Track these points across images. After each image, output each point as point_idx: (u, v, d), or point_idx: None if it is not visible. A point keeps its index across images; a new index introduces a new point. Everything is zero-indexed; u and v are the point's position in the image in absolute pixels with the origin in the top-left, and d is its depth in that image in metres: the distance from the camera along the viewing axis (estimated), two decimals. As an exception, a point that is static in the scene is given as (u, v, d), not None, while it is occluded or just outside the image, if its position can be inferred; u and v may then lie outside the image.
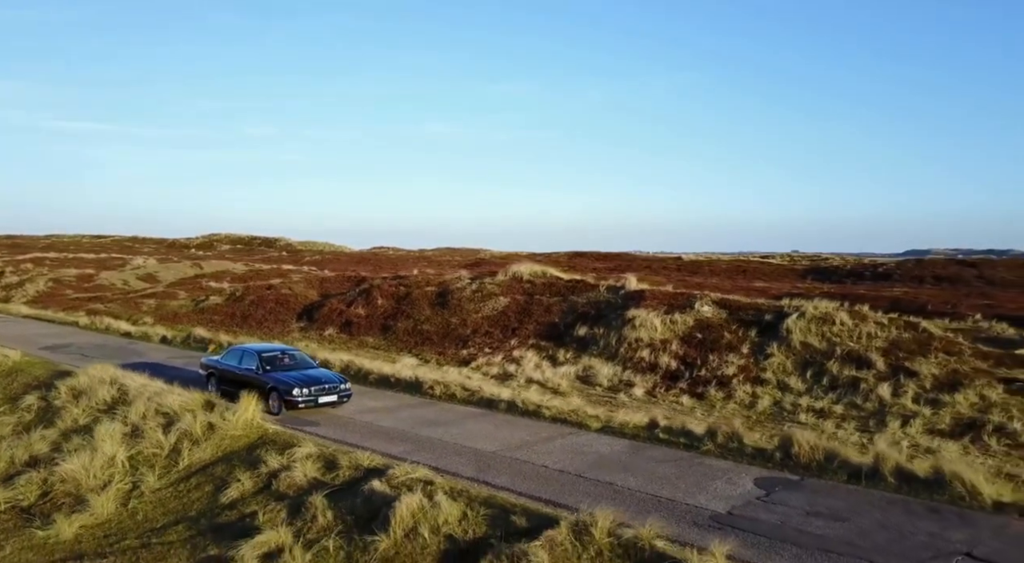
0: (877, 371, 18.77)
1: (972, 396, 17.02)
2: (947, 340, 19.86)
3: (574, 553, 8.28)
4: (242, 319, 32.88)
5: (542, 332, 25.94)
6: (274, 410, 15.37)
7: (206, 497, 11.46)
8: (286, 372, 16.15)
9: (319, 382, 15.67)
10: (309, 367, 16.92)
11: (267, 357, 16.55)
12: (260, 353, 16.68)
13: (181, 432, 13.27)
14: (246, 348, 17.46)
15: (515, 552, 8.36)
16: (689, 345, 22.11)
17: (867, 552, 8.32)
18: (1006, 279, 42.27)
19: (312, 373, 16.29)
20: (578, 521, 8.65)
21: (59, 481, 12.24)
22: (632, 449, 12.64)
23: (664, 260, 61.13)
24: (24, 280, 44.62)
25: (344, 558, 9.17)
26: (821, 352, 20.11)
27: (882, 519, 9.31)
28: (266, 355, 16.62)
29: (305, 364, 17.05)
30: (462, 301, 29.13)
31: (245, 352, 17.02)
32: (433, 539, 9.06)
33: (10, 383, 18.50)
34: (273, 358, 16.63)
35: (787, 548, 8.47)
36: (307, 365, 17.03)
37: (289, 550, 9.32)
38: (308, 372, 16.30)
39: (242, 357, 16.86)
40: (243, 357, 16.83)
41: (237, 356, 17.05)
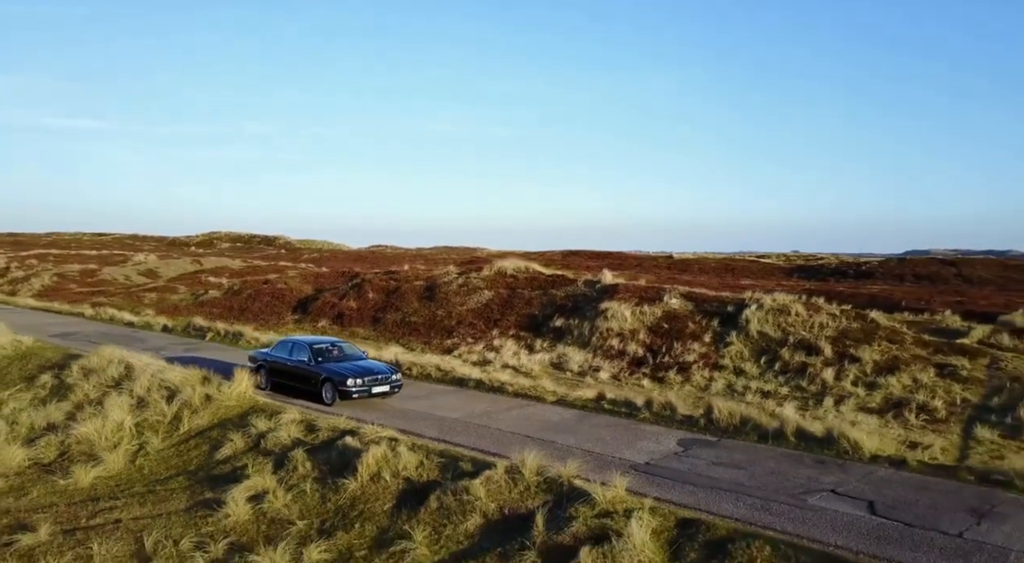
0: (825, 357, 20.58)
1: (906, 379, 18.83)
2: (891, 330, 21.67)
3: (506, 488, 10.15)
4: (239, 311, 34.79)
5: (522, 323, 27.79)
6: (327, 400, 15.63)
7: (203, 455, 13.36)
8: (338, 363, 16.35)
9: (372, 372, 15.92)
10: (359, 358, 17.09)
11: (319, 349, 16.72)
12: (311, 345, 16.87)
13: (182, 402, 15.18)
14: (296, 340, 17.60)
15: (458, 488, 10.24)
16: (656, 334, 23.95)
17: (750, 489, 10.17)
18: (983, 277, 44.04)
19: (364, 364, 16.54)
20: (512, 464, 10.52)
21: (75, 442, 14.14)
22: (579, 417, 14.51)
23: (656, 258, 62.97)
24: (29, 275, 46.65)
25: (319, 498, 11.05)
26: (776, 340, 21.93)
27: (774, 467, 11.17)
28: (317, 347, 16.81)
29: (355, 355, 17.21)
30: (448, 295, 31.00)
31: (295, 344, 17.18)
32: (393, 481, 10.95)
33: (25, 365, 20.42)
34: (324, 349, 16.82)
35: (684, 486, 10.32)
36: (357, 356, 17.22)
37: (273, 492, 11.21)
38: (360, 363, 16.53)
39: (292, 349, 17.01)
40: (293, 349, 16.99)
41: (287, 348, 17.20)
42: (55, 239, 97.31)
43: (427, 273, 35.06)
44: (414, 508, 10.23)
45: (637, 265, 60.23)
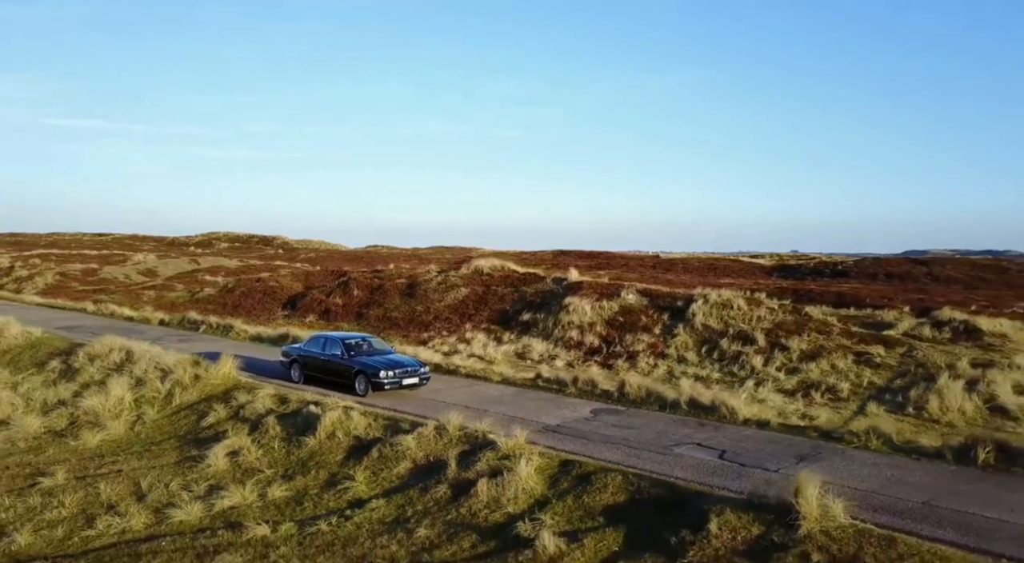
0: (758, 346, 23.09)
1: (825, 365, 21.33)
2: (822, 322, 24.18)
3: (433, 440, 12.76)
4: (233, 308, 37.49)
5: (494, 317, 30.39)
6: (360, 392, 16.71)
7: (191, 423, 16.02)
8: (370, 356, 17.45)
9: (402, 365, 17.02)
10: (389, 352, 18.31)
11: (351, 343, 17.80)
12: (343, 340, 17.91)
13: (174, 381, 17.84)
14: (329, 336, 18.61)
15: (395, 441, 12.87)
16: (611, 326, 26.51)
17: (632, 442, 12.75)
18: (951, 276, 46.35)
19: (394, 358, 17.68)
20: (440, 424, 13.15)
21: (82, 414, 16.80)
22: (516, 393, 17.13)
23: (643, 258, 65.41)
24: (33, 274, 49.48)
25: (284, 452, 13.69)
26: (717, 332, 24.46)
27: (661, 428, 13.75)
28: (349, 341, 17.89)
29: (384, 350, 18.44)
30: (428, 292, 33.64)
31: (328, 340, 18.24)
32: (345, 438, 13.58)
33: (35, 352, 23.10)
34: (356, 344, 17.92)
35: (580, 441, 12.92)
36: (386, 351, 18.42)
37: (247, 448, 13.85)
38: (390, 357, 17.68)
39: (325, 344, 18.09)
40: (326, 344, 18.07)
41: (319, 344, 18.32)
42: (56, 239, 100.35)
43: (410, 272, 37.69)
44: (359, 458, 12.87)
45: (624, 264, 62.74)
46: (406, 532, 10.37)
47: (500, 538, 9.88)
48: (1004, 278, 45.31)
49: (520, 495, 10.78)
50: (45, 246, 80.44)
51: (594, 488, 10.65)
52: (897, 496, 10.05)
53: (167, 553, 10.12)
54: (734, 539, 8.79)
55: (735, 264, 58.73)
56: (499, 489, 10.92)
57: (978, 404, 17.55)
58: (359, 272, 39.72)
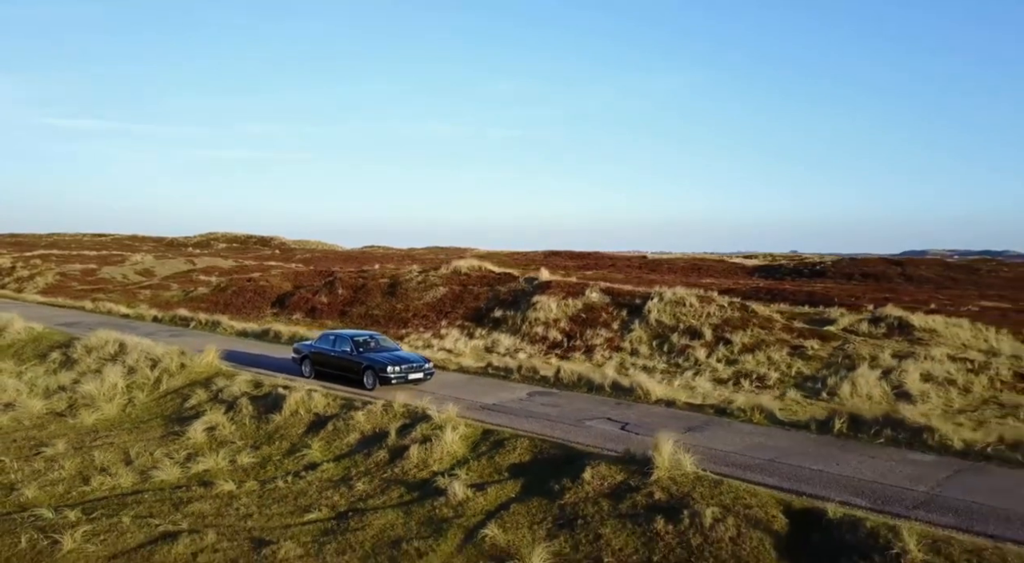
0: (704, 340, 25.36)
1: (761, 357, 23.59)
2: (766, 318, 26.43)
3: (380, 416, 15.10)
4: (225, 306, 39.90)
5: (468, 315, 32.71)
6: (368, 386, 17.96)
7: (176, 404, 18.38)
8: (378, 353, 18.68)
9: (408, 361, 18.30)
10: (395, 349, 19.56)
11: (360, 340, 19.04)
12: (353, 337, 19.18)
13: (162, 369, 20.21)
14: (339, 334, 19.92)
15: (348, 416, 15.21)
16: (574, 322, 28.81)
17: (552, 417, 15.06)
18: (923, 276, 48.57)
19: (400, 354, 18.98)
20: (388, 402, 15.47)
21: (80, 397, 19.17)
22: (468, 379, 19.45)
23: (631, 259, 67.67)
24: (34, 274, 52.04)
25: (254, 427, 16.04)
26: (669, 327, 26.73)
27: (581, 406, 16.05)
28: (358, 339, 19.13)
29: (391, 347, 19.59)
30: (408, 290, 35.99)
31: (338, 337, 19.53)
32: (306, 415, 15.93)
33: (37, 345, 25.53)
34: (365, 341, 19.16)
35: (508, 416, 15.23)
36: (393, 347, 19.64)
37: (222, 424, 16.20)
38: (396, 353, 19.01)
39: (335, 342, 19.38)
40: (336, 341, 19.35)
41: (330, 341, 19.61)
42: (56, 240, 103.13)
43: (393, 272, 40.04)
44: (317, 431, 15.22)
45: (611, 265, 65.11)
46: (348, 487, 12.71)
47: (422, 490, 12.20)
48: (973, 278, 47.53)
49: (444, 457, 13.10)
50: (45, 247, 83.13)
51: (505, 450, 12.97)
52: (751, 455, 12.33)
53: (149, 503, 12.46)
54: (602, 484, 11.09)
55: (720, 264, 60.96)
56: (427, 452, 13.25)
57: (885, 389, 19.85)
58: (345, 272, 42.10)
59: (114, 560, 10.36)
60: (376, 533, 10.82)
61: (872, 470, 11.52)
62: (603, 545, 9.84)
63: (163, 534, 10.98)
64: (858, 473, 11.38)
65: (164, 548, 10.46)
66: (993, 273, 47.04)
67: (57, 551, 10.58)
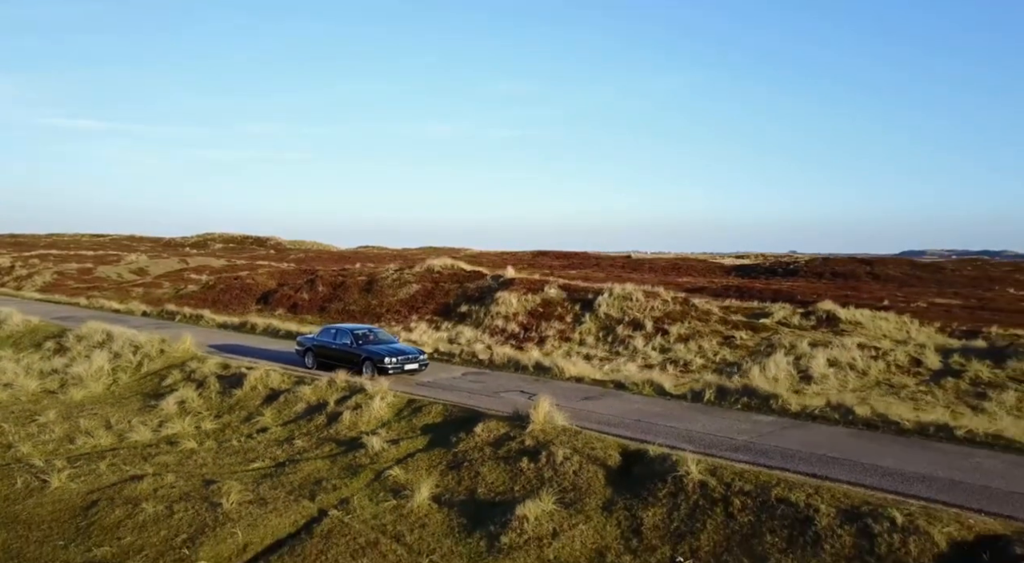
0: (645, 331, 28.09)
1: (693, 346, 26.32)
2: (704, 311, 29.15)
3: (325, 389, 17.93)
4: (212, 302, 42.84)
5: (438, 310, 35.53)
6: (367, 376, 19.18)
7: (154, 383, 21.25)
8: (376, 345, 20.10)
9: (404, 353, 19.75)
10: (392, 342, 20.98)
11: (359, 334, 20.60)
12: (352, 331, 20.69)
13: (143, 354, 23.10)
14: (339, 327, 21.41)
15: (297, 390, 18.05)
16: (532, 316, 31.58)
17: (474, 391, 17.85)
18: (890, 275, 51.15)
19: (397, 346, 20.33)
20: (332, 378, 18.29)
21: (70, 378, 22.06)
22: (414, 363, 22.20)
23: (615, 259, 70.38)
24: (32, 273, 55.15)
25: (218, 400, 18.89)
26: (616, 319, 29.47)
27: (503, 382, 18.82)
28: (358, 332, 20.68)
29: (388, 339, 20.97)
30: (384, 288, 38.84)
31: (339, 331, 21.06)
32: (263, 389, 18.77)
33: (34, 336, 28.47)
34: (364, 335, 20.64)
35: (437, 390, 18.04)
36: (390, 340, 21.08)
37: (191, 398, 19.07)
38: (393, 345, 20.37)
39: (336, 335, 20.88)
40: (337, 335, 20.85)
41: (331, 334, 21.12)
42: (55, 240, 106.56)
43: (371, 270, 42.88)
44: (271, 402, 18.06)
45: (596, 264, 67.85)
46: (290, 444, 15.54)
47: (349, 445, 15.01)
48: (937, 277, 50.15)
49: (372, 420, 15.92)
50: (45, 247, 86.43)
51: (422, 414, 15.78)
52: (623, 417, 15.09)
53: (123, 456, 15.30)
54: (488, 436, 13.87)
55: (700, 264, 63.64)
56: (358, 417, 16.07)
57: (791, 372, 22.56)
58: (327, 271, 44.98)
59: (91, 494, 13.21)
60: (304, 476, 13.63)
61: (714, 426, 14.27)
62: (480, 479, 12.63)
63: (132, 476, 13.85)
64: (701, 428, 14.13)
65: (132, 485, 13.32)
66: (956, 272, 49.55)
67: (46, 488, 13.46)
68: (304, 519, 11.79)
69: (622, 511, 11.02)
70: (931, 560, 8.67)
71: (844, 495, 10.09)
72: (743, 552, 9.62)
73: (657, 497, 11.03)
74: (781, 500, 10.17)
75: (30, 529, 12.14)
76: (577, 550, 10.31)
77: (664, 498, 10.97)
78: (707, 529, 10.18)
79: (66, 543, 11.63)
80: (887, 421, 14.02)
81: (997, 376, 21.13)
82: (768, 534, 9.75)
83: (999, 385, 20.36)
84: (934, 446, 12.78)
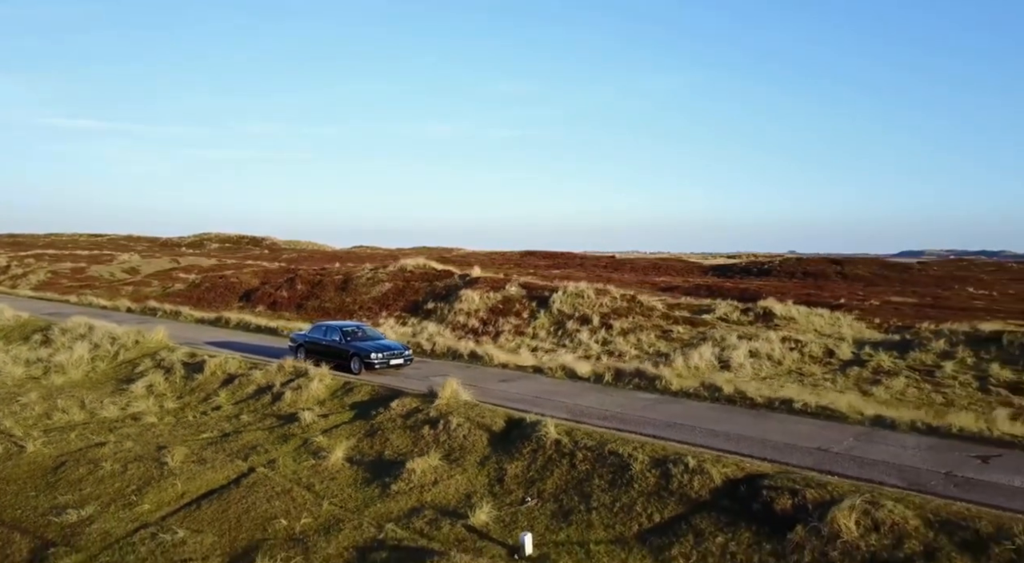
0: (592, 325, 30.61)
1: (632, 339, 28.83)
2: (648, 307, 31.66)
3: (274, 373, 20.56)
4: (197, 300, 45.59)
5: (407, 307, 38.15)
6: (355, 371, 20.71)
7: (128, 370, 23.94)
8: (363, 342, 21.55)
9: (390, 349, 21.22)
10: (379, 338, 22.44)
11: (347, 331, 22.05)
12: (341, 328, 22.12)
13: (120, 345, 25.80)
14: (329, 325, 22.73)
15: (250, 374, 20.69)
16: (492, 312, 34.15)
17: (409, 375, 20.44)
18: (859, 274, 53.45)
19: (383, 342, 21.79)
20: (281, 364, 20.93)
21: (53, 366, 24.77)
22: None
23: (599, 258, 72.88)
24: (27, 272, 58.08)
25: (182, 384, 21.56)
26: (567, 315, 32.00)
27: (437, 369, 21.42)
28: (346, 329, 22.16)
29: (376, 336, 22.48)
30: (358, 286, 41.49)
31: (328, 328, 22.46)
32: (222, 373, 21.43)
33: (23, 329, 31.24)
34: (352, 331, 22.12)
35: (381, 376, 20.58)
36: (377, 336, 22.58)
37: (158, 382, 21.75)
38: (380, 342, 21.90)
39: (326, 332, 22.31)
40: (327, 332, 22.26)
41: (322, 331, 22.59)
42: (53, 240, 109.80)
43: (349, 269, 45.54)
44: (226, 385, 20.69)
45: (579, 264, 70.36)
46: (237, 419, 18.17)
47: (286, 419, 17.62)
48: (904, 276, 52.49)
49: (309, 399, 18.54)
50: (42, 247, 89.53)
51: (353, 394, 18.39)
52: (527, 395, 17.66)
53: (92, 429, 17.96)
54: (402, 409, 16.46)
55: (679, 264, 66.09)
56: (298, 396, 18.70)
57: (711, 361, 25.02)
58: (307, 270, 47.68)
59: (60, 457, 15.89)
60: (243, 443, 16.26)
61: (598, 401, 16.84)
62: (388, 443, 15.23)
63: (96, 443, 16.53)
64: (587, 403, 16.69)
65: (95, 450, 15.98)
66: (923, 271, 51.82)
67: (23, 453, 16.13)
68: (236, 474, 14.42)
69: (493, 464, 13.59)
70: (708, 492, 11.20)
71: (661, 448, 12.63)
72: (576, 491, 12.17)
73: (522, 453, 13.60)
74: (612, 453, 12.72)
75: (8, 484, 14.82)
76: (450, 494, 12.88)
77: (527, 454, 13.54)
78: (553, 476, 12.74)
79: (37, 494, 14.30)
80: (744, 397, 16.55)
81: (896, 365, 23.56)
82: (597, 478, 12.30)
83: (895, 373, 22.79)
84: (771, 416, 15.31)
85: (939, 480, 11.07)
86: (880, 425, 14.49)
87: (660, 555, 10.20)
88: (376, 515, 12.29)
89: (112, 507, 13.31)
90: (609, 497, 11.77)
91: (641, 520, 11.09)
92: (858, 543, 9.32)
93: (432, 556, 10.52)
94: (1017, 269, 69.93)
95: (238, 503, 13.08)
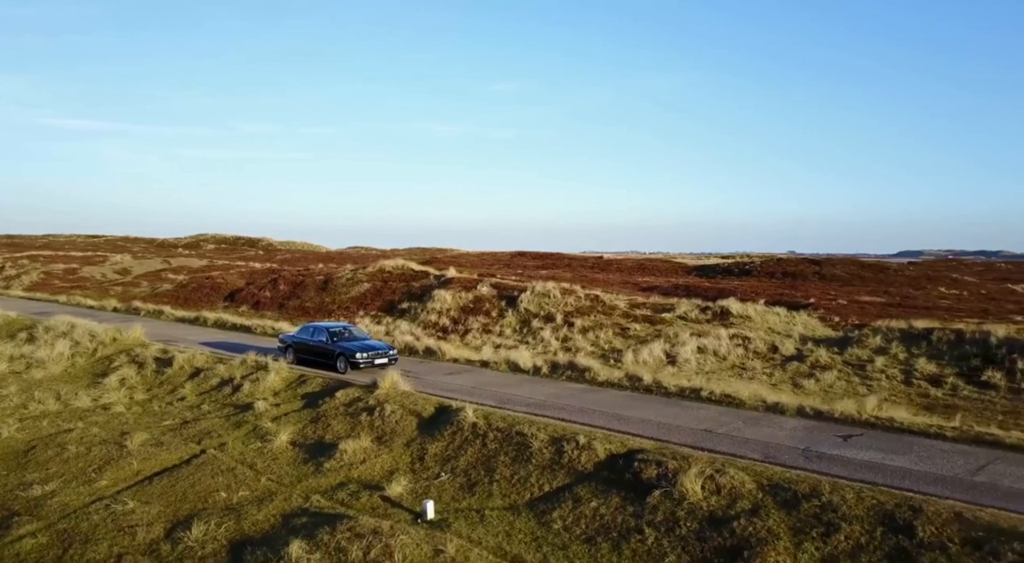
0: (555, 323, 32.24)
1: (592, 336, 30.44)
2: (609, 306, 33.28)
3: (237, 367, 22.26)
4: (183, 300, 47.37)
5: (384, 306, 39.84)
6: (340, 370, 21.48)
7: (104, 365, 25.68)
8: (349, 342, 22.28)
9: (375, 349, 21.94)
10: (365, 338, 23.23)
11: (334, 331, 22.85)
12: (328, 329, 23.00)
13: (99, 342, 27.55)
14: (316, 325, 23.64)
15: (215, 368, 22.39)
16: (463, 311, 35.81)
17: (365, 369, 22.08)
18: (836, 275, 54.95)
19: (368, 342, 22.57)
20: (245, 358, 22.63)
21: (35, 361, 26.53)
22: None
23: (587, 259, 74.50)
24: (21, 272, 60.01)
25: (153, 378, 23.29)
26: (534, 314, 33.64)
27: (408, 366, 23.04)
28: (333, 330, 22.96)
29: (362, 336, 23.27)
30: (338, 286, 43.21)
31: (316, 328, 23.37)
32: (188, 368, 23.15)
33: (10, 328, 33.04)
34: (339, 332, 22.94)
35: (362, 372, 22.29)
36: (363, 337, 23.37)
37: (131, 376, 23.47)
38: (365, 342, 22.67)
39: (313, 332, 23.12)
40: (314, 332, 23.09)
41: (309, 332, 23.42)
42: (50, 241, 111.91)
43: (330, 270, 47.25)
44: (193, 378, 22.41)
45: (567, 264, 71.99)
46: (199, 408, 19.88)
47: (242, 408, 19.32)
48: (879, 277, 54.00)
49: (266, 390, 20.24)
50: (38, 247, 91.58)
51: (306, 385, 20.08)
52: (466, 386, 19.31)
53: (64, 417, 19.68)
54: (345, 398, 18.14)
55: (664, 264, 67.67)
56: (255, 387, 20.39)
57: (659, 357, 26.64)
58: (291, 271, 49.41)
59: (32, 441, 17.61)
60: (200, 429, 17.96)
61: (529, 391, 18.48)
62: (329, 429, 16.91)
63: (66, 429, 18.26)
64: (517, 392, 18.33)
65: (64, 435, 17.71)
66: (899, 272, 53.27)
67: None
68: (188, 456, 16.12)
69: (417, 445, 15.26)
70: (592, 465, 12.84)
71: (562, 429, 14.28)
72: (483, 467, 13.81)
73: (443, 435, 15.26)
74: (519, 433, 14.37)
75: (-18, 465, 16.53)
76: (375, 471, 14.54)
77: (448, 435, 15.20)
78: (467, 454, 14.40)
79: (8, 473, 16.02)
80: (661, 387, 18.17)
81: (833, 360, 25.14)
82: (502, 455, 13.95)
83: (830, 367, 24.37)
84: (680, 403, 16.95)
85: (795, 454, 12.67)
86: (773, 411, 16.09)
87: (543, 518, 11.83)
88: (306, 489, 13.96)
89: (74, 483, 15.01)
90: (510, 471, 13.42)
91: (533, 490, 12.73)
92: (701, 504, 10.95)
93: (345, 520, 12.17)
94: (1004, 269, 71.35)
95: (186, 479, 14.77)
